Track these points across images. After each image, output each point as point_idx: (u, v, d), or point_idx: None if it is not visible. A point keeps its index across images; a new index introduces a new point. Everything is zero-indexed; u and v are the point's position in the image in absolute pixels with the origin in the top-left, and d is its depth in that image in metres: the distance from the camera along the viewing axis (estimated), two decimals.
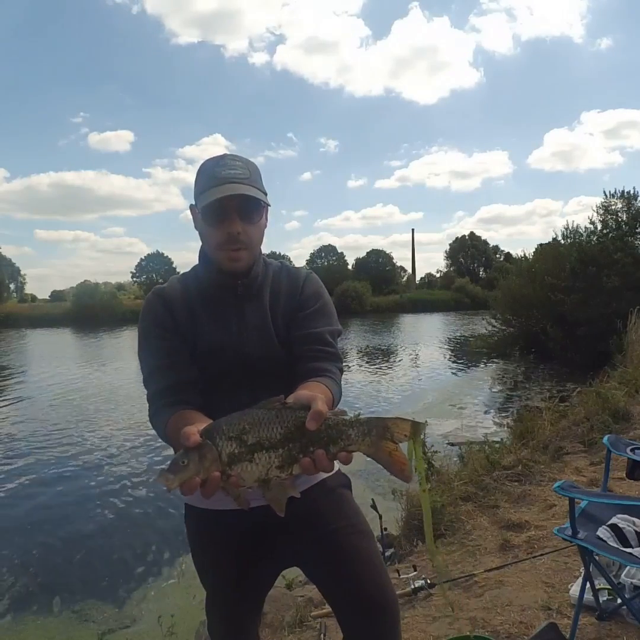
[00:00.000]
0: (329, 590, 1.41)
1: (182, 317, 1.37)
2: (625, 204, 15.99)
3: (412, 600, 2.73)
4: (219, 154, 1.38)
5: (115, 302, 48.59)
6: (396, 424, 1.03)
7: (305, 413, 1.00)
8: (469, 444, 5.92)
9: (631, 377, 6.87)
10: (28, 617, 3.89)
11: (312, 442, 1.00)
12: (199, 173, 1.37)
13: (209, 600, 1.50)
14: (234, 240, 1.31)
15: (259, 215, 1.36)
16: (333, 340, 1.42)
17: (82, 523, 5.44)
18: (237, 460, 0.99)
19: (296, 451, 1.00)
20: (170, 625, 3.20)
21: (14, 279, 65.93)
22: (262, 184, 1.38)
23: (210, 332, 1.36)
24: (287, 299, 1.44)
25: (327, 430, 1.01)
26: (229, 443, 0.99)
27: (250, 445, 0.99)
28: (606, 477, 2.66)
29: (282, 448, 1.00)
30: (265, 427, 1.00)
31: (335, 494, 1.45)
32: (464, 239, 73.24)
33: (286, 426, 1.00)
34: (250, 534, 1.39)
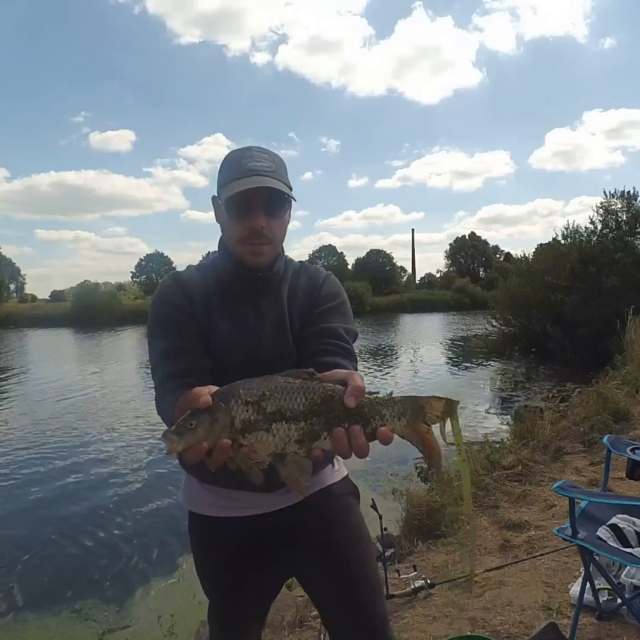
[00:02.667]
0: (324, 603, 1.40)
1: (198, 306, 1.31)
2: (625, 204, 16.00)
3: (412, 600, 2.73)
4: (242, 146, 1.33)
5: (115, 302, 48.56)
6: (429, 403, 0.95)
7: (336, 387, 0.92)
8: (469, 444, 5.91)
9: (631, 377, 6.87)
10: (28, 617, 3.88)
11: (339, 419, 0.91)
12: (224, 164, 1.32)
13: (209, 607, 1.48)
14: (257, 234, 1.27)
15: (283, 210, 1.31)
16: (349, 337, 1.33)
17: (82, 523, 5.43)
18: (252, 429, 0.89)
19: (320, 427, 0.91)
20: (170, 625, 3.20)
21: (14, 279, 65.86)
22: (288, 178, 1.33)
23: (225, 326, 1.30)
24: (305, 297, 1.38)
25: (360, 408, 0.92)
26: (245, 408, 0.89)
27: (268, 414, 0.89)
28: (606, 477, 2.66)
29: (304, 421, 0.90)
30: (288, 396, 0.91)
31: (342, 502, 1.41)
32: (464, 239, 73.27)
33: (312, 398, 0.91)
34: (251, 542, 1.36)
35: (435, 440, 0.96)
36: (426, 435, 0.95)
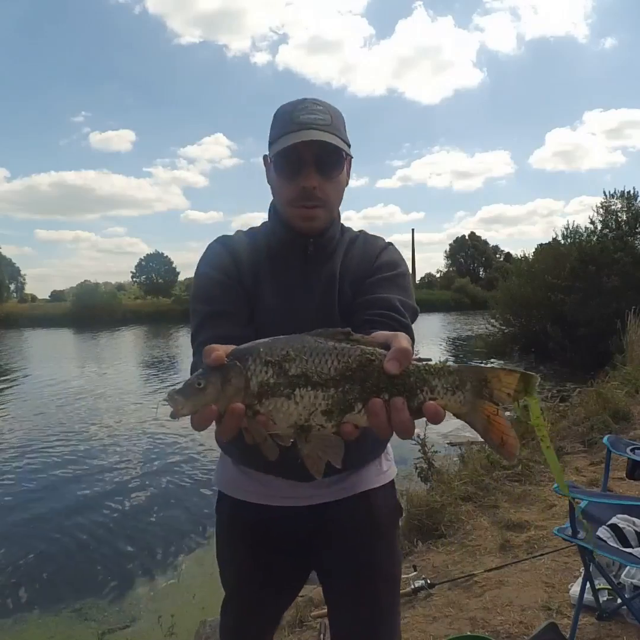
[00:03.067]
0: (338, 618, 1.32)
1: (246, 272, 1.20)
2: (625, 204, 16.00)
3: (412, 600, 2.73)
4: (297, 98, 1.21)
5: (115, 302, 48.65)
6: (498, 377, 0.77)
7: (376, 351, 0.76)
8: (469, 444, 5.91)
9: (631, 377, 6.87)
10: (28, 616, 3.88)
11: (378, 388, 0.74)
12: (274, 118, 1.21)
13: (224, 601, 1.39)
14: (308, 196, 1.15)
15: (339, 169, 1.18)
16: (406, 311, 1.14)
17: (82, 523, 5.43)
18: (271, 394, 0.75)
19: (353, 396, 0.75)
20: (170, 625, 3.21)
21: (14, 279, 65.92)
22: (346, 134, 1.21)
23: (271, 295, 1.19)
24: (359, 267, 1.23)
25: (404, 377, 0.75)
26: (263, 369, 0.75)
27: (291, 377, 0.75)
28: (606, 477, 2.66)
29: (334, 388, 0.75)
30: (317, 358, 0.76)
31: (384, 519, 1.29)
32: (464, 239, 73.29)
33: (345, 361, 0.75)
34: (281, 535, 1.26)
35: (507, 423, 0.77)
36: (494, 418, 0.77)
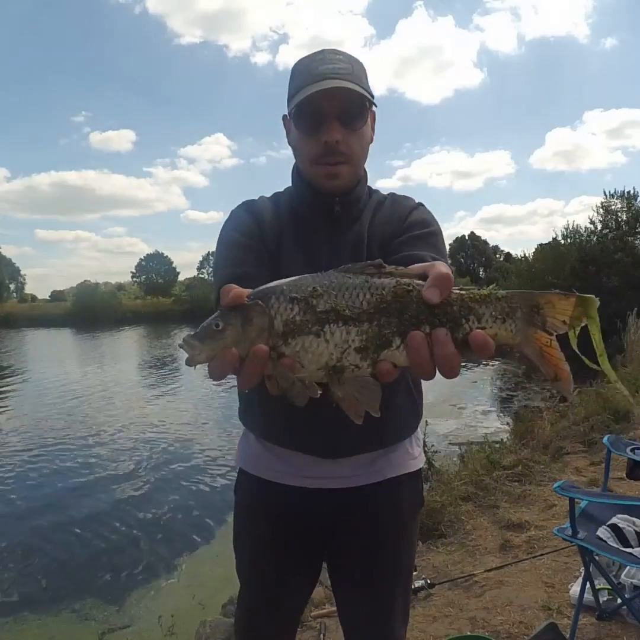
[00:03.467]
0: (354, 610, 1.28)
1: (269, 235, 1.14)
2: (625, 204, 16.01)
3: (412, 600, 2.73)
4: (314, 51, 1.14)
5: (115, 302, 48.64)
6: (551, 302, 0.69)
7: (412, 282, 0.68)
8: (469, 444, 5.92)
9: (631, 377, 6.87)
10: (28, 616, 3.88)
11: (418, 320, 0.66)
12: (292, 73, 1.15)
13: (240, 589, 1.33)
14: (331, 151, 1.08)
15: (362, 120, 1.11)
16: None
17: (82, 523, 5.42)
18: (298, 332, 0.67)
19: (390, 330, 0.66)
20: (170, 625, 3.21)
21: (14, 279, 65.96)
22: (368, 84, 1.14)
23: (295, 260, 1.12)
24: (388, 227, 1.16)
25: (446, 306, 0.67)
26: (288, 306, 0.67)
27: (320, 313, 0.67)
28: (606, 477, 2.66)
29: (368, 322, 0.67)
30: (346, 292, 0.68)
31: (407, 513, 1.25)
32: (463, 239, 73.27)
33: (379, 293, 0.68)
34: (305, 517, 1.20)
35: (560, 355, 0.70)
36: (547, 349, 0.70)
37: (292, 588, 1.27)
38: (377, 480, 1.18)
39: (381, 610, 1.23)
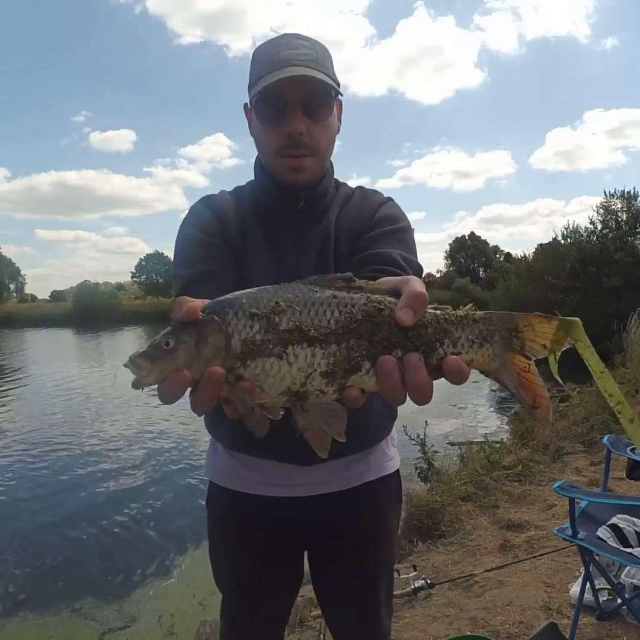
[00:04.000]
0: (341, 614, 1.28)
1: (233, 232, 1.08)
2: (625, 204, 16.02)
3: (412, 600, 2.73)
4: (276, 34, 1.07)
5: (115, 302, 48.66)
6: (531, 324, 0.65)
7: (385, 299, 0.63)
8: (469, 444, 5.91)
9: (631, 377, 6.87)
10: (28, 616, 3.88)
11: (390, 343, 0.62)
12: (253, 59, 1.07)
13: (224, 604, 1.28)
14: (295, 143, 1.02)
15: (328, 109, 1.04)
16: (408, 267, 0.99)
17: (82, 522, 5.43)
18: (258, 353, 0.61)
19: (360, 353, 0.61)
20: (170, 625, 3.20)
21: (14, 279, 65.99)
22: (334, 71, 1.07)
23: (260, 255, 1.07)
24: (356, 222, 1.11)
25: (420, 328, 0.62)
26: (248, 323, 0.61)
27: (283, 332, 0.61)
28: (606, 477, 2.66)
29: (336, 344, 0.61)
30: (312, 309, 0.62)
31: (386, 509, 1.23)
32: (463, 239, 73.25)
33: (348, 311, 0.62)
34: (281, 527, 1.17)
35: (539, 381, 0.66)
36: (525, 374, 0.66)
37: (275, 596, 1.24)
38: (356, 484, 1.16)
39: (369, 609, 1.23)
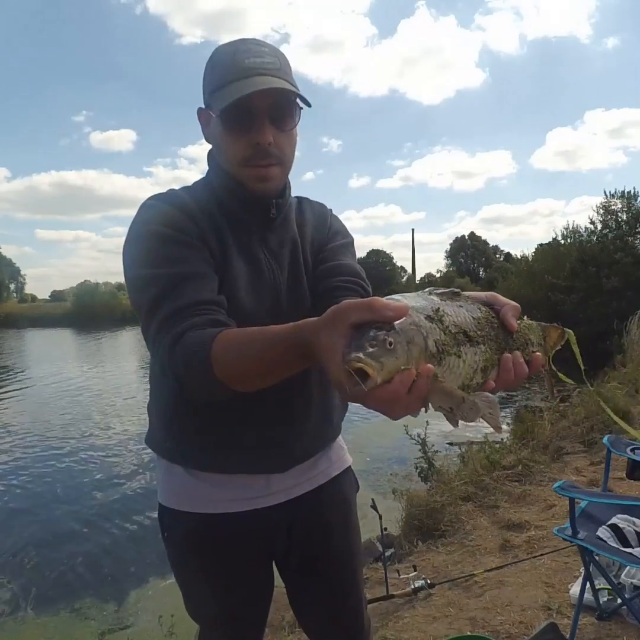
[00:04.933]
0: (306, 617, 1.30)
1: (208, 236, 1.01)
2: (625, 204, 16.02)
3: (412, 600, 2.73)
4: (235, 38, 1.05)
5: (115, 302, 48.56)
6: (549, 332, 0.90)
7: (486, 308, 0.76)
8: (469, 444, 5.91)
9: (631, 377, 6.87)
10: (27, 616, 3.88)
11: (506, 343, 0.77)
12: (212, 62, 1.04)
13: (201, 632, 1.25)
14: (263, 153, 1.01)
15: (293, 121, 1.06)
16: (366, 281, 1.11)
17: (82, 522, 5.43)
18: (446, 352, 0.66)
19: (495, 352, 0.74)
20: (170, 625, 3.20)
21: (14, 279, 66.03)
22: (293, 78, 1.06)
23: (238, 261, 1.04)
24: (315, 232, 1.17)
25: (517, 333, 0.80)
26: (431, 325, 0.65)
27: (455, 334, 0.68)
28: (606, 477, 2.66)
29: (483, 344, 0.72)
30: (459, 315, 0.71)
31: (351, 498, 1.26)
32: (463, 239, 73.25)
33: (478, 318, 0.73)
34: (263, 540, 1.17)
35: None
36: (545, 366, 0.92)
37: (253, 608, 1.22)
38: (324, 481, 1.18)
39: (355, 602, 1.26)
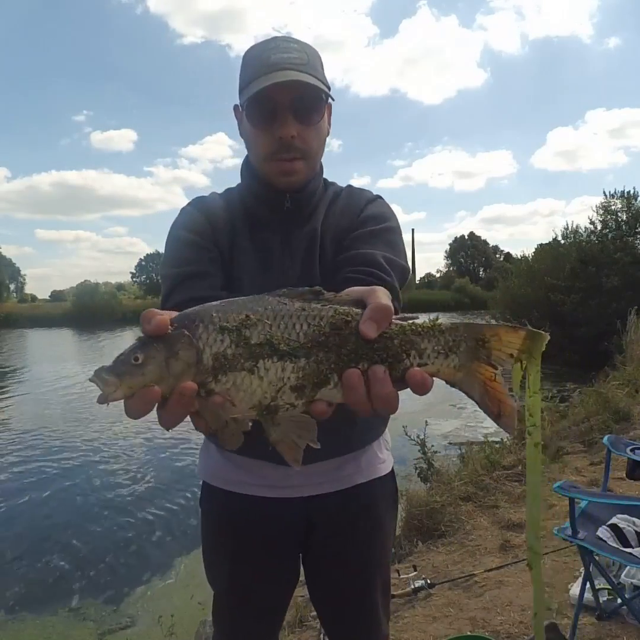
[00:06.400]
0: (339, 618, 1.27)
1: (221, 234, 1.09)
2: (625, 204, 16.02)
3: (412, 600, 2.73)
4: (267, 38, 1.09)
5: (115, 302, 48.56)
6: (497, 335, 0.66)
7: (352, 310, 0.64)
8: (469, 444, 5.92)
9: (631, 377, 6.87)
10: (27, 616, 3.88)
11: (357, 355, 0.62)
12: (244, 62, 1.08)
13: (216, 603, 1.26)
14: (287, 147, 1.03)
15: (319, 114, 1.05)
16: (391, 270, 1.00)
17: (81, 522, 5.42)
18: (229, 368, 0.61)
19: (328, 367, 0.62)
20: (170, 625, 3.20)
21: (14, 279, 66.05)
22: (324, 74, 1.08)
23: (248, 256, 1.08)
24: (342, 221, 1.11)
25: (386, 340, 0.63)
26: (218, 337, 0.61)
27: (253, 346, 0.61)
28: (606, 477, 2.66)
29: (305, 358, 0.62)
30: (282, 322, 0.62)
31: (380, 511, 1.21)
32: (463, 239, 73.27)
33: (317, 324, 0.63)
34: (274, 527, 1.15)
35: (504, 390, 0.67)
36: (491, 383, 0.66)
37: (268, 596, 1.23)
38: (348, 486, 1.15)
39: (364, 613, 1.22)
